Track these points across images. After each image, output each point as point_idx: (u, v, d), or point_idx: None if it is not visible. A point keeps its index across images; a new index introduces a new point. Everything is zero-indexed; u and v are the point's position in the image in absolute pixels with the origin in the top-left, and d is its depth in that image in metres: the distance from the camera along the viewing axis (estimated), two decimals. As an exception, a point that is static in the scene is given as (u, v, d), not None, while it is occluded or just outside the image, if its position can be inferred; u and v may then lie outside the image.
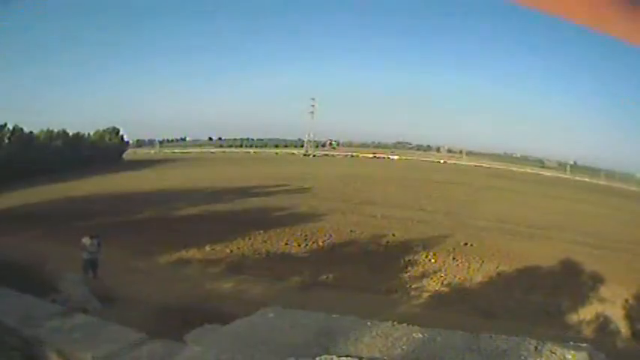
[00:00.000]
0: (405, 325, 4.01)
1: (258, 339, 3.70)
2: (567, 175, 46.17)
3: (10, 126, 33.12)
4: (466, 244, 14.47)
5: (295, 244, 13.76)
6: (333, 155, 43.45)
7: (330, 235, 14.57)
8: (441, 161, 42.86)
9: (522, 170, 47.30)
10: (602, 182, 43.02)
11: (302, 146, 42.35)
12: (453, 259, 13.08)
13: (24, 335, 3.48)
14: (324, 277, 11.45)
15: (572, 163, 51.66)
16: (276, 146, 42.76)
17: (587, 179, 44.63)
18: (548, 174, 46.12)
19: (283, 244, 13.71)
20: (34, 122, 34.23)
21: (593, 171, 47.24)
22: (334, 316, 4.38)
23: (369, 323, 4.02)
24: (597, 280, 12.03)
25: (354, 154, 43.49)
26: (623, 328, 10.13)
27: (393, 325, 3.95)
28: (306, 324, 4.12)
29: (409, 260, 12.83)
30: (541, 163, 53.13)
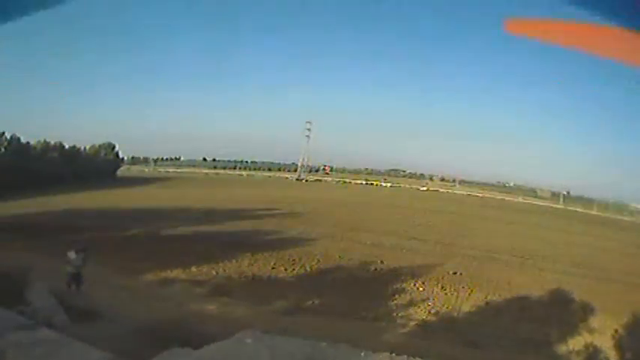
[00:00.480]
0: (404, 357, 3.81)
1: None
2: (560, 205, 46.35)
3: (7, 135, 33.41)
4: (455, 273, 14.36)
5: (282, 268, 13.52)
6: (325, 181, 43.54)
7: (319, 260, 14.40)
8: (422, 188, 42.75)
9: (515, 200, 47.44)
10: (594, 212, 43.18)
11: (295, 170, 42.41)
12: (442, 287, 12.92)
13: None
14: (310, 302, 11.25)
15: (565, 193, 52.01)
16: (269, 169, 42.80)
17: (579, 209, 44.78)
18: (542, 204, 46.28)
19: (270, 267, 13.48)
20: (31, 133, 34.18)
21: (586, 201, 47.51)
22: (323, 343, 4.12)
23: (362, 353, 3.76)
24: (587, 310, 11.95)
25: (346, 180, 43.56)
26: (613, 358, 10.03)
27: (391, 357, 3.73)
28: (290, 351, 3.83)
29: (397, 288, 12.66)
30: (534, 193, 53.38)
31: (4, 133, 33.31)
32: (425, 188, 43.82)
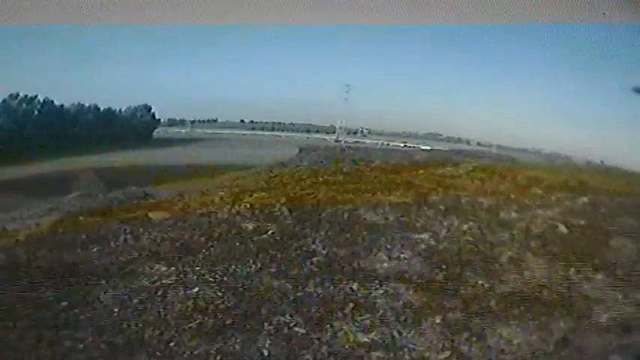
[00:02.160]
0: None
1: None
2: (596, 174, 44.36)
3: (40, 98, 33.13)
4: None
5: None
6: (363, 143, 42.74)
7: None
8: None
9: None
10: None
11: (334, 132, 41.74)
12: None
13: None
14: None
15: (599, 162, 49.62)
16: (308, 131, 42.03)
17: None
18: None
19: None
20: (64, 96, 33.69)
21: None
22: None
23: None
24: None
25: (384, 142, 42.57)
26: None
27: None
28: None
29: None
30: (568, 160, 51.21)
31: (36, 95, 32.96)
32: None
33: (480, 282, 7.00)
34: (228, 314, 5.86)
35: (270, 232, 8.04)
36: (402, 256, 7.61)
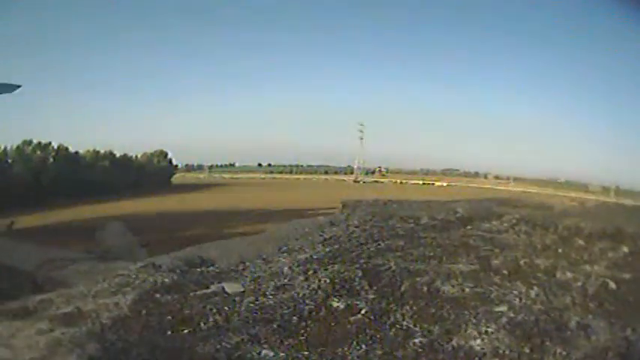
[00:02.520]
0: None
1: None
2: (611, 199, 45.03)
3: (54, 145, 33.42)
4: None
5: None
6: (382, 182, 43.25)
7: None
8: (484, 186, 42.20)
9: (568, 195, 46.14)
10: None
11: (351, 173, 42.38)
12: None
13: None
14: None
15: (614, 187, 50.49)
16: (326, 172, 42.58)
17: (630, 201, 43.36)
18: (592, 197, 44.99)
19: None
20: (78, 142, 34.12)
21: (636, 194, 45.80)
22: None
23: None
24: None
25: (403, 180, 43.24)
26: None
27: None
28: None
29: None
30: (585, 188, 52.05)
31: (50, 143, 33.30)
32: (488, 186, 43.16)
33: (559, 350, 7.24)
34: None
35: (363, 312, 8.19)
36: (489, 330, 7.80)
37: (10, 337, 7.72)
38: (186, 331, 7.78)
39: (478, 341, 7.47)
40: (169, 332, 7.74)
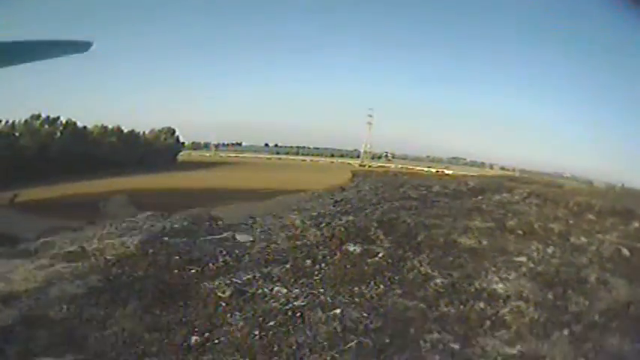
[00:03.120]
0: None
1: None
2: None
3: (62, 119, 33.07)
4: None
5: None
6: (388, 167, 42.93)
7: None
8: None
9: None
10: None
11: (358, 157, 42.14)
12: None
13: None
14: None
15: (620, 185, 49.80)
16: (332, 155, 42.32)
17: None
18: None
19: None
20: (87, 118, 33.87)
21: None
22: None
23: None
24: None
25: (409, 167, 42.88)
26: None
27: None
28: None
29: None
30: (590, 184, 51.40)
31: (59, 117, 33.10)
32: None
33: (582, 300, 7.23)
34: (381, 333, 5.77)
35: (380, 255, 7.96)
36: (510, 277, 7.74)
37: (8, 272, 7.53)
38: (193, 270, 7.58)
39: (500, 285, 7.35)
40: (176, 271, 7.54)
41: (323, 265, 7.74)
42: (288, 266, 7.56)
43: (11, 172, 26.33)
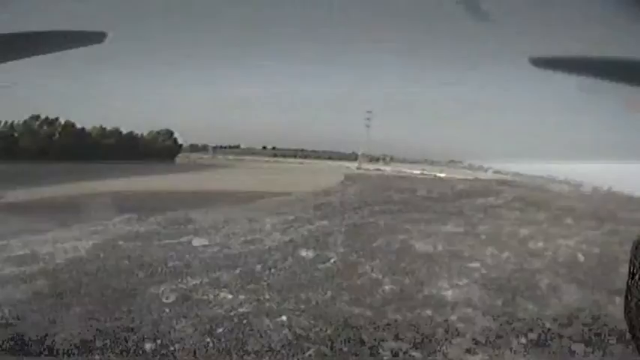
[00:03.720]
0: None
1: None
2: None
3: (61, 120, 33.23)
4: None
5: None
6: (385, 170, 42.86)
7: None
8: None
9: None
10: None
11: (356, 159, 42.17)
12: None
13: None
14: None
15: (606, 188, 49.74)
16: (330, 158, 42.35)
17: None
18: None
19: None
20: (87, 119, 34.05)
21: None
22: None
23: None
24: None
25: (405, 170, 42.86)
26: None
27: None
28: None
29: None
30: (578, 188, 51.52)
31: (57, 118, 33.28)
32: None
33: (531, 307, 7.29)
34: (335, 341, 5.75)
35: (332, 261, 7.94)
36: (461, 283, 7.75)
37: None
38: (141, 275, 7.58)
39: (450, 292, 7.33)
40: (123, 276, 7.56)
41: (273, 270, 7.72)
42: (237, 272, 7.54)
43: (11, 173, 26.53)
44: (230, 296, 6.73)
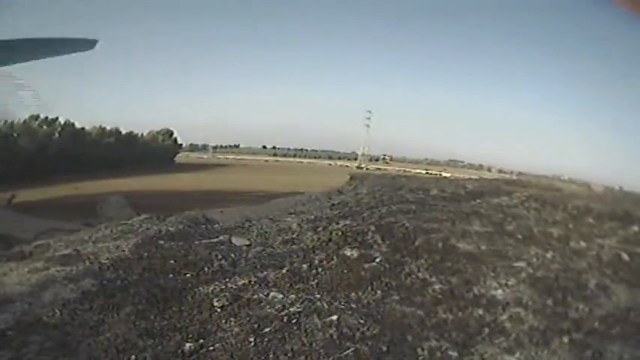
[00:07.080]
0: None
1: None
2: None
3: (61, 120, 33.02)
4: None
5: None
6: (386, 170, 42.80)
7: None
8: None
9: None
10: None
11: (356, 159, 42.29)
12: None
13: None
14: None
15: (618, 188, 50.02)
16: (330, 158, 42.37)
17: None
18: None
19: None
20: (86, 119, 33.95)
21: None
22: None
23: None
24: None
25: (406, 169, 42.85)
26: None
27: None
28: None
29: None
30: (588, 187, 51.92)
31: (57, 118, 33.14)
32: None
33: (581, 306, 7.12)
34: (378, 341, 5.69)
35: (377, 260, 7.89)
36: (509, 283, 7.68)
37: (2, 276, 7.47)
38: (189, 274, 7.49)
39: (499, 291, 7.27)
40: (171, 275, 7.47)
41: (320, 269, 7.65)
42: (284, 271, 7.47)
43: (10, 173, 26.34)
44: (280, 296, 6.65)
